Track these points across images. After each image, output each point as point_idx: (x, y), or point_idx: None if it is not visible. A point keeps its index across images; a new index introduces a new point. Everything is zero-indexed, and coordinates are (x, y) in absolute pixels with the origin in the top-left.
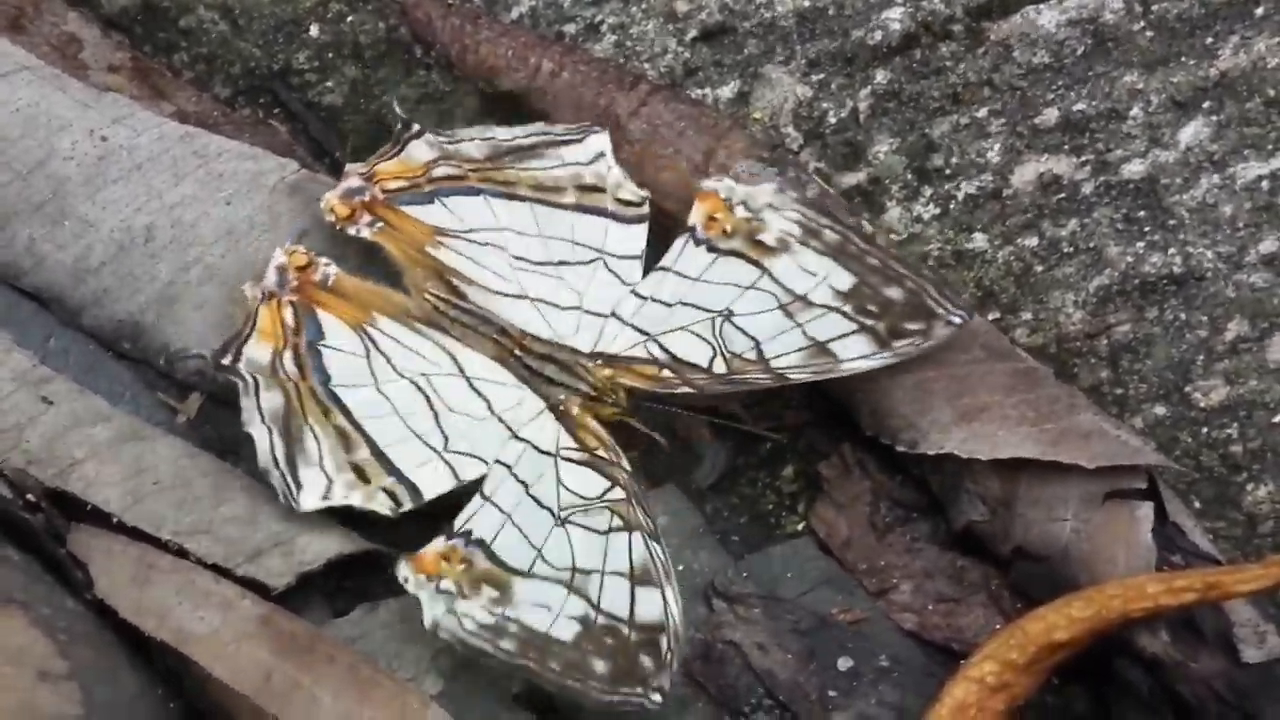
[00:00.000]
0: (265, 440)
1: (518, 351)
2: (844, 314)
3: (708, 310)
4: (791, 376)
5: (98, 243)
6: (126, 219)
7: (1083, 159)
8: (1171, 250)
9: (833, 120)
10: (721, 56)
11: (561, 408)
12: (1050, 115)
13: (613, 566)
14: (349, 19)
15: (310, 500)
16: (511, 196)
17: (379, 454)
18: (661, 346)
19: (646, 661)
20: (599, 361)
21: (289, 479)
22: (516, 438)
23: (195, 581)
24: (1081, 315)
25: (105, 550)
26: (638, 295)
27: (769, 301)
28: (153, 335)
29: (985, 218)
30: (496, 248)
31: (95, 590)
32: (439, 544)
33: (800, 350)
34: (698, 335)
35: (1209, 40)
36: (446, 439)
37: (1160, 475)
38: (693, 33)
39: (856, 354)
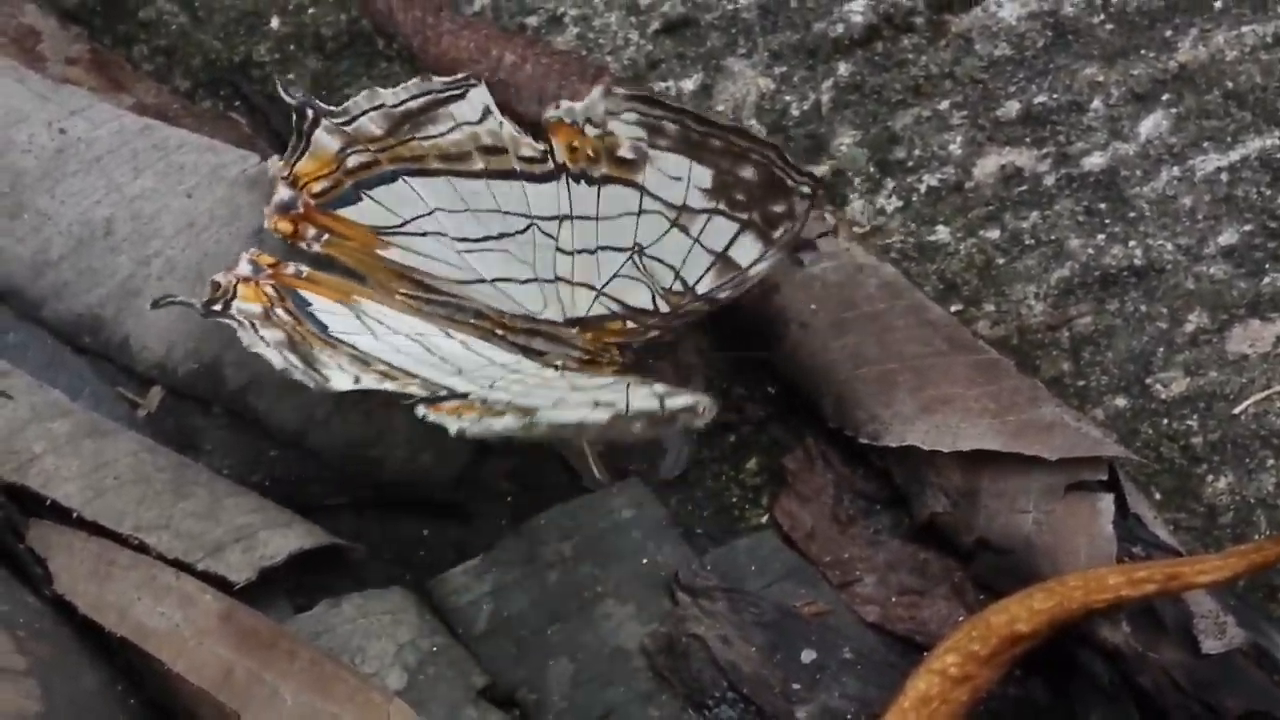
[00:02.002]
0: (277, 355)
1: (499, 331)
2: (722, 214)
3: (623, 249)
4: (719, 297)
5: (56, 236)
6: (86, 212)
7: (1044, 151)
8: (1132, 242)
9: (795, 113)
10: (684, 49)
11: (562, 368)
12: (1011, 108)
13: (637, 400)
14: (310, 11)
15: (342, 381)
16: (426, 172)
17: (400, 369)
18: (610, 298)
19: (685, 417)
20: (577, 328)
21: (314, 370)
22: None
23: (156, 577)
24: (1043, 307)
25: (65, 546)
26: (563, 251)
27: (662, 223)
28: (113, 329)
29: (947, 210)
30: (437, 235)
31: (54, 586)
32: (453, 402)
33: (710, 268)
34: (631, 278)
35: (1168, 33)
36: (460, 371)
37: (1121, 467)
38: (655, 25)
39: (753, 256)
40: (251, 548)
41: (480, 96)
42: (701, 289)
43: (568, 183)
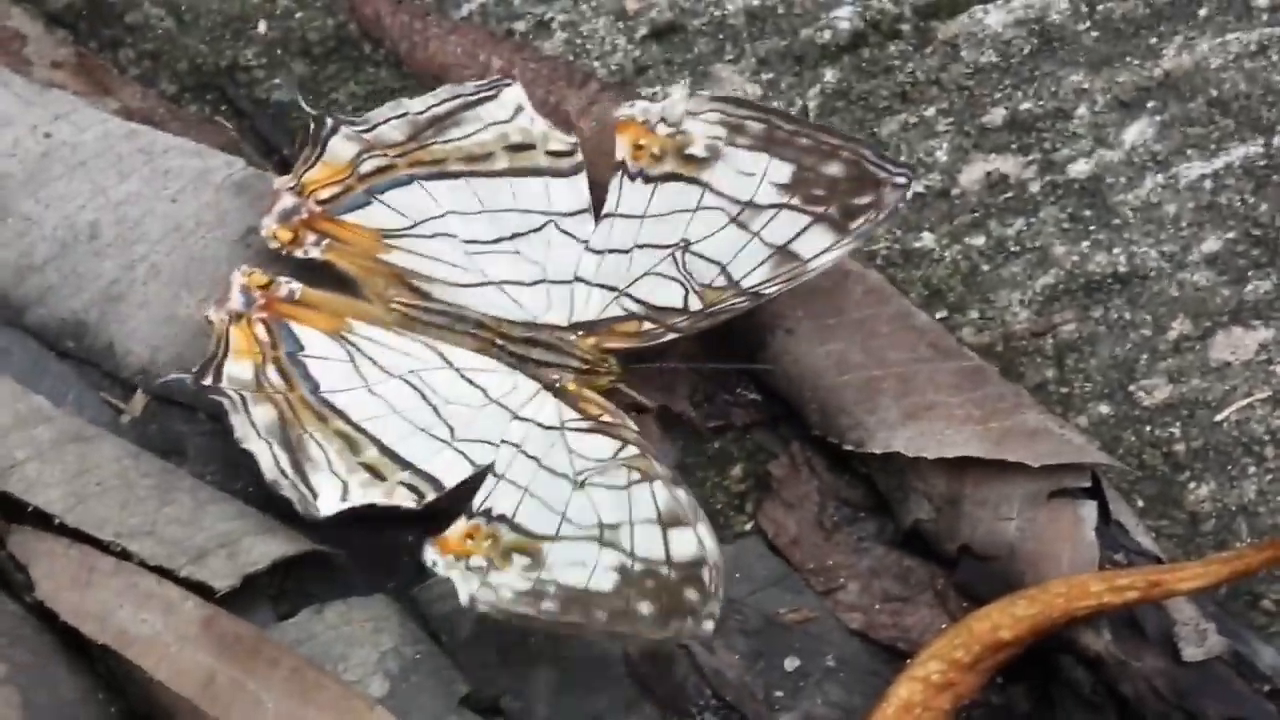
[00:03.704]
0: (267, 454)
1: (499, 341)
2: (794, 208)
3: (665, 246)
4: (765, 292)
5: (41, 240)
6: (70, 216)
7: (1029, 158)
8: (1116, 249)
9: None
10: (671, 55)
11: (557, 385)
12: (997, 115)
13: (640, 516)
14: (297, 15)
15: (329, 504)
16: (444, 175)
17: (388, 451)
18: (633, 299)
19: (691, 594)
20: (580, 333)
21: (301, 487)
22: (518, 418)
23: (138, 584)
24: (1027, 314)
25: (47, 552)
26: (593, 251)
27: (719, 219)
28: (97, 334)
29: (933, 217)
30: (446, 236)
31: (36, 593)
32: (461, 525)
33: (765, 262)
34: (664, 276)
35: (1153, 40)
36: (452, 430)
37: (1104, 474)
38: (643, 31)
39: (819, 248)
40: (234, 554)
41: (514, 95)
42: (748, 284)
43: (620, 181)
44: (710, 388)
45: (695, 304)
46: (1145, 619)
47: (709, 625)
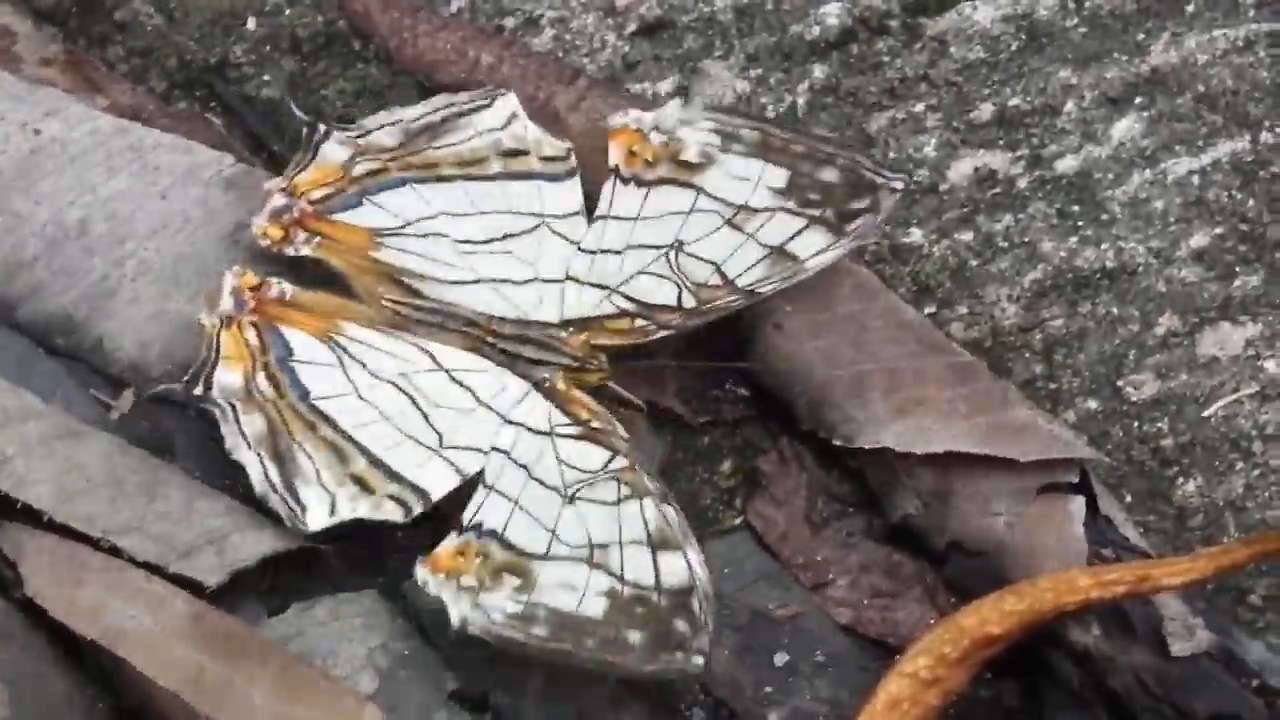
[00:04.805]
0: (257, 466)
1: (489, 339)
2: (790, 211)
3: (658, 247)
4: (761, 290)
5: (30, 237)
6: (60, 213)
7: (1017, 154)
8: (1104, 245)
9: (771, 115)
10: (660, 51)
11: (547, 385)
12: (985, 110)
13: (630, 536)
14: (287, 12)
15: (317, 519)
16: (438, 179)
17: (376, 462)
18: (626, 296)
19: (681, 625)
20: (571, 330)
21: (290, 501)
22: (509, 422)
23: (127, 580)
24: (1016, 310)
25: (35, 549)
26: (585, 251)
27: (714, 220)
28: (86, 330)
29: (922, 212)
30: (438, 236)
31: (25, 589)
32: (452, 541)
33: (760, 261)
34: (658, 275)
35: (1140, 36)
36: (440, 436)
37: (1092, 469)
38: (632, 27)
39: (815, 249)
40: (223, 551)
41: (509, 104)
42: (743, 282)
43: (614, 185)
44: (700, 384)
45: (689, 301)
46: (1133, 614)
47: (698, 661)
